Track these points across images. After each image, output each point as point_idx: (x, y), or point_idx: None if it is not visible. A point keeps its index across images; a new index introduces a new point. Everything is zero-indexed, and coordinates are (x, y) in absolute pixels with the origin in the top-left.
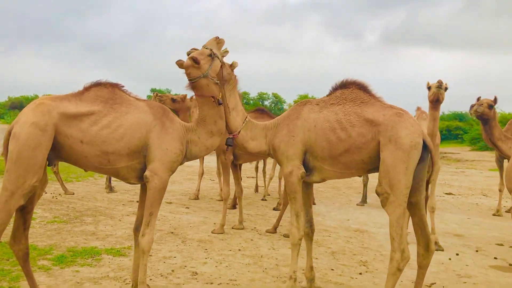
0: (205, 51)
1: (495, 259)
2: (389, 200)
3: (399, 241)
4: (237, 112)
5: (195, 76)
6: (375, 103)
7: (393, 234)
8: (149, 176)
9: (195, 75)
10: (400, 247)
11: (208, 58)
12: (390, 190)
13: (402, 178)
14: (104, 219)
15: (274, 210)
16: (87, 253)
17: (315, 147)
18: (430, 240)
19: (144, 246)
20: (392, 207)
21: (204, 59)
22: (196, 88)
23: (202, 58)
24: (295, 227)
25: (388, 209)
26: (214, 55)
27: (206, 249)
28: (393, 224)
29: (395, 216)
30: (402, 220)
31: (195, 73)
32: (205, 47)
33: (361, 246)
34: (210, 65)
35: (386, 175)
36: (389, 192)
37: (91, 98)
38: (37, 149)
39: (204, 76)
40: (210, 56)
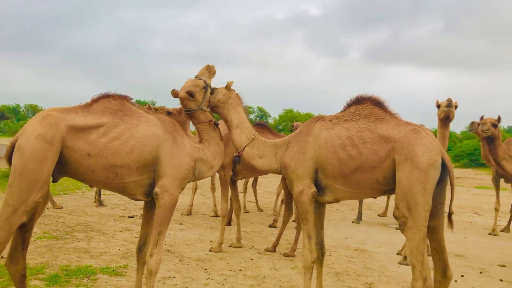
0: (199, 83)
1: (501, 281)
2: (408, 225)
3: (420, 268)
4: (241, 129)
5: (191, 108)
6: (391, 120)
7: (414, 261)
8: (159, 192)
9: (191, 107)
10: (422, 275)
11: (202, 91)
12: (408, 213)
13: (420, 200)
14: (96, 235)
15: (270, 227)
16: (81, 272)
17: (325, 165)
18: (448, 267)
19: (152, 267)
20: (411, 233)
21: (199, 92)
22: (194, 117)
23: (197, 90)
24: (308, 249)
25: (407, 235)
26: (207, 86)
27: (205, 268)
28: (413, 250)
29: (415, 242)
30: (423, 246)
31: (191, 105)
32: (198, 77)
33: (363, 267)
34: (204, 97)
35: (403, 197)
36: (407, 216)
37: (100, 110)
38: (43, 163)
39: (200, 108)
40: (204, 88)
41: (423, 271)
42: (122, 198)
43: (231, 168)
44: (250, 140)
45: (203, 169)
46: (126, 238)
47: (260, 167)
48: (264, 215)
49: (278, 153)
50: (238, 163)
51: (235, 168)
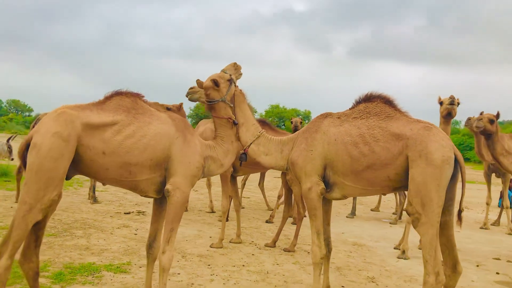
0: (225, 75)
1: (498, 274)
2: (421, 221)
3: (433, 263)
4: (247, 127)
5: (214, 99)
6: (401, 118)
7: (426, 256)
8: (171, 190)
9: (214, 97)
10: (434, 270)
11: (227, 83)
12: (422, 209)
13: (434, 196)
14: (95, 232)
15: (267, 222)
16: (85, 269)
17: (335, 162)
18: (458, 262)
19: (164, 264)
20: (424, 228)
21: (224, 83)
22: (214, 109)
23: (222, 81)
24: (317, 245)
25: (420, 230)
26: (232, 81)
27: (209, 264)
28: (426, 246)
29: (428, 237)
30: (436, 242)
31: (214, 95)
32: (224, 71)
33: (364, 261)
34: (228, 90)
35: (417, 193)
36: (420, 212)
37: (113, 107)
38: (59, 161)
39: (222, 100)
40: (229, 81)
41: (436, 266)
42: (115, 195)
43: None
44: (255, 137)
45: (213, 167)
46: (125, 235)
47: (266, 164)
48: (259, 211)
49: (284, 150)
50: (245, 160)
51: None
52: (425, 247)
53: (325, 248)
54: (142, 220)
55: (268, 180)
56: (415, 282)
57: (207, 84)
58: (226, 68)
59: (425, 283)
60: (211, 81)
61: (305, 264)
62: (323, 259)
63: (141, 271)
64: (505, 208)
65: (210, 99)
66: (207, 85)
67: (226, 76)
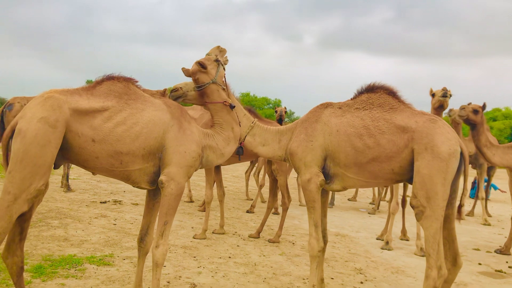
0: (210, 57)
1: (480, 265)
2: (425, 214)
3: (435, 257)
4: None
5: (204, 82)
6: (405, 109)
7: (429, 250)
8: (165, 181)
9: (204, 81)
10: (437, 263)
11: (215, 64)
12: (427, 203)
13: (440, 190)
14: (72, 222)
15: (247, 213)
16: (66, 262)
17: (337, 153)
18: (458, 255)
19: (158, 258)
20: (428, 222)
21: (211, 64)
22: (207, 94)
23: (208, 63)
24: (314, 238)
25: (423, 224)
26: (219, 62)
27: (194, 256)
28: (429, 239)
29: (431, 231)
30: (439, 235)
31: (204, 79)
32: (209, 54)
33: (348, 252)
34: (217, 71)
35: (422, 186)
36: (425, 206)
37: (104, 92)
38: (46, 148)
39: (213, 82)
40: (216, 62)
41: (438, 259)
42: (89, 183)
43: None
44: (249, 128)
45: (212, 157)
46: (104, 225)
47: (263, 155)
48: (238, 200)
49: (282, 140)
50: (242, 154)
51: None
52: (428, 240)
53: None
54: (120, 210)
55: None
56: (402, 273)
57: (194, 68)
58: (210, 51)
59: (427, 277)
60: (197, 64)
61: (291, 255)
62: (320, 252)
63: (125, 263)
64: (480, 199)
65: (200, 83)
66: (194, 69)
67: (212, 57)
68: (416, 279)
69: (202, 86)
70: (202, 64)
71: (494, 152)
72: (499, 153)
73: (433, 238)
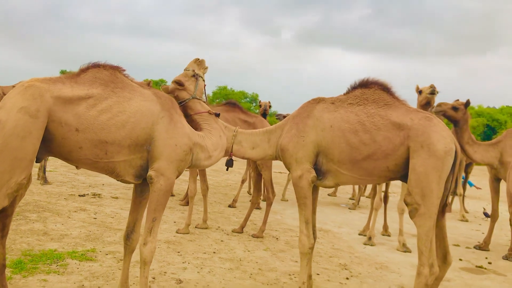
0: (187, 72)
1: (461, 261)
2: (420, 211)
3: (428, 255)
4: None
5: (184, 98)
6: (400, 106)
7: (422, 247)
8: (154, 176)
9: (183, 97)
10: (429, 261)
11: (193, 79)
12: (422, 200)
13: (435, 188)
14: (50, 216)
15: (229, 207)
16: (47, 257)
17: (331, 149)
18: (449, 252)
19: (146, 256)
20: (422, 219)
21: (188, 81)
22: (190, 108)
23: (186, 80)
24: (305, 235)
25: (417, 221)
26: (197, 75)
27: (178, 251)
28: (422, 237)
29: (424, 229)
30: (432, 233)
31: (183, 95)
32: (186, 69)
33: (332, 248)
34: (196, 86)
35: (418, 184)
36: (420, 203)
37: (89, 80)
38: (27, 139)
39: (193, 97)
40: (194, 77)
41: (430, 257)
42: (66, 175)
43: None
44: (233, 137)
45: (201, 156)
46: (84, 219)
47: (255, 158)
48: (219, 195)
49: (272, 139)
50: (231, 166)
51: None
52: (421, 238)
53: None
54: (99, 203)
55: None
56: (386, 269)
57: (172, 87)
58: (188, 66)
59: (419, 274)
60: (174, 83)
61: (276, 250)
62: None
63: (108, 258)
64: (458, 196)
65: (180, 100)
66: (172, 88)
67: (189, 73)
68: (400, 275)
69: (183, 102)
70: (179, 82)
71: (475, 149)
72: (481, 151)
73: (426, 235)
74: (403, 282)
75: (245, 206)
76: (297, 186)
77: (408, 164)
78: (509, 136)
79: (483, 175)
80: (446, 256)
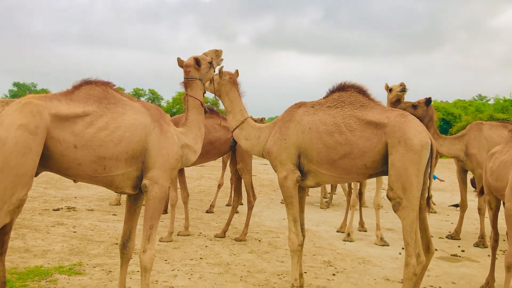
0: (206, 58)
1: (436, 251)
2: (402, 205)
3: (414, 245)
4: (233, 114)
5: (193, 76)
6: (375, 106)
7: (408, 239)
8: (148, 185)
9: (193, 75)
10: (415, 251)
11: (208, 65)
12: (403, 194)
13: (414, 181)
14: (29, 232)
15: (207, 213)
16: (35, 274)
17: (310, 150)
18: (431, 242)
19: (146, 263)
20: (405, 212)
21: (205, 65)
22: (191, 87)
23: (204, 63)
24: (294, 232)
25: (401, 214)
26: (212, 64)
27: (166, 259)
28: (407, 229)
29: (408, 221)
30: (416, 225)
31: (194, 74)
32: (206, 54)
33: (314, 246)
34: (207, 72)
35: (398, 178)
36: (402, 197)
37: (83, 97)
38: (27, 156)
39: (200, 79)
40: (210, 64)
41: (416, 247)
42: (35, 190)
43: None
44: (240, 122)
45: (189, 155)
46: (64, 233)
47: (245, 148)
48: (195, 201)
49: (261, 137)
50: (234, 144)
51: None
52: (406, 230)
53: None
54: (76, 217)
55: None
56: (369, 263)
57: (189, 62)
58: (207, 52)
59: (407, 264)
60: (194, 60)
61: (260, 252)
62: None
63: (97, 271)
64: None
65: (189, 76)
66: (188, 63)
67: (208, 58)
68: (382, 268)
69: (190, 79)
70: (198, 61)
71: (441, 143)
72: (446, 144)
73: (411, 227)
74: (387, 274)
75: (222, 210)
76: (283, 187)
77: (386, 161)
78: (473, 130)
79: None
80: (429, 246)
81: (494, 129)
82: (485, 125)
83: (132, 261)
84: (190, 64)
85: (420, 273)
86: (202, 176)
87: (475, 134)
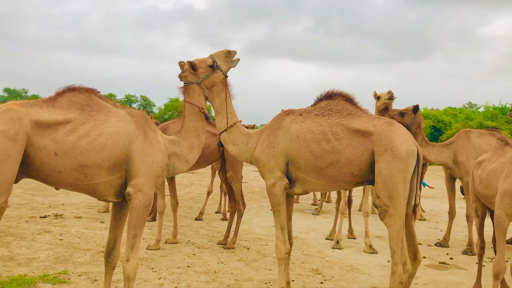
0: (207, 60)
1: (425, 258)
2: (389, 212)
3: (400, 253)
4: (222, 116)
5: (189, 81)
6: (362, 115)
7: (394, 247)
8: (132, 193)
9: (190, 80)
10: (402, 259)
11: (208, 69)
12: (390, 202)
13: (401, 189)
14: (14, 240)
15: (196, 220)
16: (18, 283)
17: (297, 158)
18: (418, 251)
19: (129, 272)
20: (392, 220)
21: (203, 68)
22: (188, 92)
23: (201, 66)
24: (281, 240)
25: (387, 222)
26: (217, 67)
27: (152, 268)
28: (393, 237)
29: (395, 229)
30: (402, 233)
31: (190, 78)
32: (210, 56)
33: (303, 253)
34: (207, 75)
35: (384, 186)
36: (388, 205)
37: (66, 104)
38: (7, 162)
39: (197, 83)
40: (211, 67)
41: (402, 255)
42: (23, 197)
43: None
44: (229, 126)
45: (178, 165)
46: (50, 241)
47: (232, 153)
48: (184, 208)
49: (249, 144)
50: (221, 146)
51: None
52: (393, 238)
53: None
54: (63, 224)
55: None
56: (357, 271)
57: (185, 67)
58: (214, 54)
59: (393, 272)
60: (189, 64)
61: (249, 260)
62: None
63: (82, 279)
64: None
65: (186, 81)
66: (185, 67)
67: (209, 61)
68: (370, 276)
69: (186, 83)
70: (193, 65)
71: (429, 150)
72: (435, 151)
73: (397, 235)
74: (375, 282)
75: (212, 218)
76: (271, 194)
77: (373, 169)
78: (461, 137)
79: (433, 175)
80: (416, 254)
81: (482, 137)
82: (473, 133)
83: (118, 269)
84: (185, 69)
85: (407, 281)
86: (192, 183)
87: (463, 142)
